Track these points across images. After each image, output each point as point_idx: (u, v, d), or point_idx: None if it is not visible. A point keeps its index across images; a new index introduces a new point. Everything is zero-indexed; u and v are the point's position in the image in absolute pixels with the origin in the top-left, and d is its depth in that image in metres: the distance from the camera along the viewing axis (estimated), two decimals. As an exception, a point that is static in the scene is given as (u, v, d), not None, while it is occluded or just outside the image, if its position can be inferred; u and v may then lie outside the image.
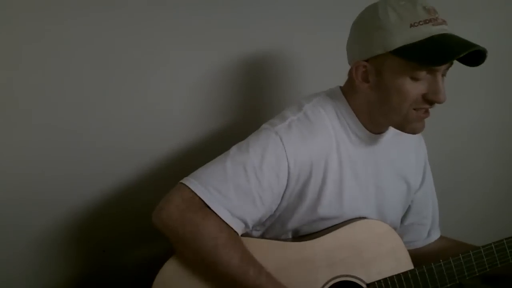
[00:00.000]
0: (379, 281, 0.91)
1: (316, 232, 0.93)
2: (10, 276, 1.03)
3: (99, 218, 1.09)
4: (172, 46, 1.08)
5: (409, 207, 1.07)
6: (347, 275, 0.90)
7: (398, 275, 0.91)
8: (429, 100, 0.84)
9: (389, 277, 0.91)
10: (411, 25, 0.80)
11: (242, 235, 0.87)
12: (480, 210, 1.09)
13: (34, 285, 1.06)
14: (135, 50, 1.04)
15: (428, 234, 1.09)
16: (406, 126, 0.87)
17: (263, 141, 0.85)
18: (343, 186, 0.91)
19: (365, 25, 0.85)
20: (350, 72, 0.92)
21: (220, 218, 0.81)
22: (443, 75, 0.85)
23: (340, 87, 0.95)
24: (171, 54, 1.08)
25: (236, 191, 0.82)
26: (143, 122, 1.08)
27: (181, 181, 0.83)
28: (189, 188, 0.81)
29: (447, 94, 0.79)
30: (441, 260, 0.92)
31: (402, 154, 1.00)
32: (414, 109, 0.85)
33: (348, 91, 0.92)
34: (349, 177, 0.91)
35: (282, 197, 0.88)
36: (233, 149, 0.86)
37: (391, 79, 0.83)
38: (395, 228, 1.01)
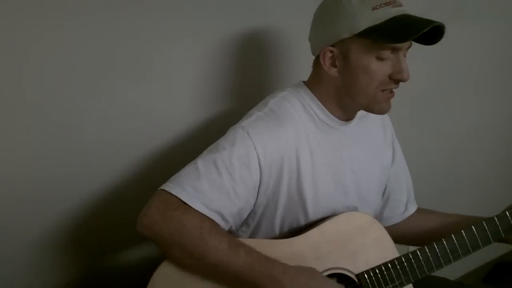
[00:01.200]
0: (367, 271, 0.93)
1: (301, 228, 0.96)
2: (10, 276, 1.03)
3: (99, 218, 1.09)
4: (170, 45, 1.08)
5: (385, 185, 1.10)
6: (335, 267, 0.92)
7: (385, 264, 0.93)
8: (395, 79, 0.89)
9: (377, 266, 0.93)
10: (373, 8, 0.85)
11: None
12: (480, 210, 1.11)
13: (34, 285, 1.07)
14: (134, 49, 1.04)
15: (405, 208, 1.12)
16: (375, 106, 0.92)
17: (231, 138, 0.89)
18: (316, 175, 0.93)
19: (329, 12, 0.90)
20: (315, 63, 0.96)
21: (199, 212, 0.83)
22: (404, 55, 0.90)
23: (303, 81, 0.99)
24: (169, 53, 1.08)
25: (210, 186, 0.84)
26: (143, 122, 1.09)
27: (159, 188, 0.86)
28: (165, 191, 0.84)
29: (448, 94, 0.82)
30: (425, 246, 0.94)
31: (370, 135, 1.04)
32: (381, 91, 0.89)
33: (312, 82, 0.96)
34: (321, 165, 0.94)
35: (259, 191, 0.90)
36: (204, 151, 0.90)
37: (358, 60, 0.88)
38: (377, 210, 1.05)
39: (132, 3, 1.02)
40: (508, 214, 0.96)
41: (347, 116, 0.97)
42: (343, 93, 0.92)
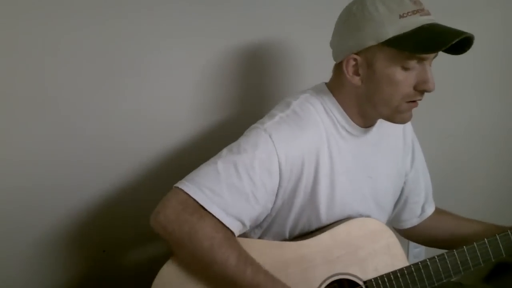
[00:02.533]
0: (375, 278, 0.92)
1: (312, 232, 0.94)
2: (10, 276, 1.03)
3: (99, 219, 1.09)
4: (171, 45, 1.08)
5: (402, 188, 1.09)
6: (344, 273, 0.91)
7: (394, 272, 0.92)
8: (420, 90, 0.86)
9: (385, 274, 0.92)
10: (400, 16, 0.82)
11: (239, 236, 0.87)
12: (480, 210, 1.10)
13: (34, 285, 1.07)
14: (136, 51, 1.04)
15: (422, 209, 1.11)
16: (396, 117, 0.89)
17: (253, 140, 0.87)
18: (335, 181, 0.92)
19: (354, 19, 0.86)
20: (337, 68, 0.94)
21: (216, 218, 0.82)
22: (429, 64, 0.87)
23: (325, 83, 0.96)
24: (169, 54, 1.08)
25: (230, 190, 0.83)
26: (142, 122, 1.08)
27: (175, 185, 0.84)
28: (183, 191, 0.82)
29: (448, 94, 0.80)
30: (436, 257, 0.93)
31: (390, 142, 1.02)
32: (406, 102, 0.87)
33: (334, 87, 0.94)
34: (339, 171, 0.92)
35: (277, 195, 0.89)
36: (224, 151, 0.88)
37: (383, 70, 0.85)
38: (390, 214, 1.05)
39: (135, 7, 1.02)
40: None
41: (367, 123, 0.96)
42: (365, 102, 0.90)
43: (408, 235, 1.15)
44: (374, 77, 0.86)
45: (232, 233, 0.84)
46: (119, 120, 1.06)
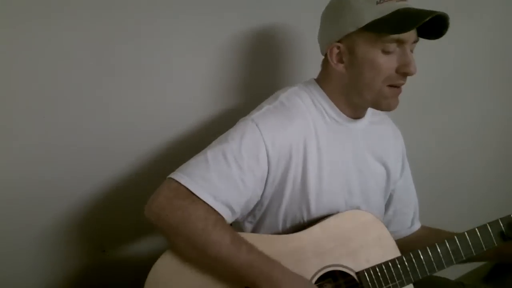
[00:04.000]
0: (367, 269, 0.92)
1: (304, 225, 0.95)
2: (10, 276, 1.04)
3: (99, 218, 1.10)
4: (171, 43, 1.08)
5: (391, 196, 1.10)
6: (336, 265, 0.92)
7: (386, 263, 0.93)
8: (402, 72, 0.89)
9: (377, 264, 0.93)
10: (377, 3, 0.87)
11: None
12: (480, 210, 1.10)
13: (34, 285, 1.07)
14: (137, 48, 1.05)
15: (412, 223, 1.13)
16: (382, 102, 0.92)
17: (240, 129, 0.90)
18: (323, 170, 0.93)
19: (334, 10, 0.92)
20: (324, 61, 0.97)
21: (206, 204, 0.84)
22: (411, 50, 0.90)
23: (314, 78, 1.00)
24: (169, 53, 1.08)
25: (219, 177, 0.85)
26: (142, 121, 1.09)
27: (168, 176, 0.87)
28: (174, 179, 0.85)
29: (448, 94, 0.81)
30: (427, 247, 0.94)
31: (381, 140, 1.04)
32: (388, 86, 0.89)
33: (321, 79, 0.97)
34: (328, 161, 0.94)
35: (266, 182, 0.91)
36: (213, 142, 0.91)
37: (364, 54, 0.88)
38: (380, 214, 1.05)
39: (135, 5, 1.02)
40: None
41: (356, 113, 0.98)
42: (351, 89, 0.93)
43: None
44: (356, 62, 0.90)
45: (222, 218, 0.86)
46: (118, 119, 1.07)
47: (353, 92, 0.93)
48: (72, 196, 1.07)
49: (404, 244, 1.07)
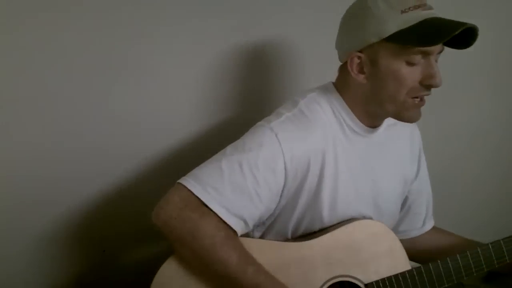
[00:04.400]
0: (377, 281, 0.91)
1: (314, 232, 0.94)
2: (10, 276, 1.03)
3: (99, 218, 1.09)
4: (171, 44, 1.08)
5: (406, 198, 1.08)
6: (344, 275, 0.90)
7: (396, 275, 0.91)
8: (426, 85, 0.85)
9: (387, 277, 0.91)
10: (402, 12, 0.82)
11: (241, 236, 0.87)
12: (481, 211, 1.10)
13: (34, 285, 1.07)
14: (136, 51, 1.04)
15: (423, 223, 1.10)
16: (404, 114, 0.88)
17: (258, 138, 0.86)
18: (338, 181, 0.91)
19: (356, 17, 0.87)
20: (342, 67, 0.93)
21: (218, 217, 0.81)
22: (436, 60, 0.87)
23: (333, 83, 0.96)
24: (169, 55, 1.08)
25: (233, 188, 0.82)
26: (142, 121, 1.08)
27: (178, 181, 0.84)
28: (186, 187, 0.82)
29: (448, 93, 0.80)
30: (438, 261, 0.92)
31: (397, 146, 1.01)
32: (411, 98, 0.86)
33: (341, 87, 0.94)
34: (344, 172, 0.92)
35: (281, 195, 0.88)
36: (229, 148, 0.87)
37: (387, 66, 0.84)
38: (393, 223, 1.03)
39: (136, 7, 1.02)
40: None
41: (374, 123, 0.95)
42: (371, 100, 0.90)
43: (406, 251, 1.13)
44: (379, 74, 0.86)
45: (234, 232, 0.84)
46: (119, 120, 1.06)
47: (374, 103, 0.90)
48: (72, 196, 1.06)
49: (417, 247, 1.08)
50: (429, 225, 1.11)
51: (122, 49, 1.03)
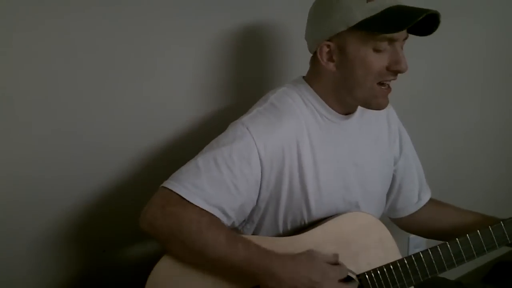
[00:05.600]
0: (368, 272, 0.92)
1: (304, 227, 0.95)
2: (9, 277, 1.04)
3: (98, 218, 1.10)
4: (170, 46, 1.08)
5: (394, 177, 1.09)
6: (337, 267, 0.92)
7: (387, 265, 0.92)
8: (393, 70, 0.88)
9: (378, 267, 0.92)
10: (368, 1, 0.85)
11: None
12: (480, 210, 1.11)
13: (34, 285, 1.07)
14: (132, 47, 1.04)
15: (419, 197, 1.11)
16: (372, 101, 0.91)
17: (231, 134, 0.89)
18: (319, 170, 0.93)
19: (323, 7, 0.90)
20: (312, 58, 0.96)
21: (198, 207, 0.83)
22: (401, 47, 0.89)
23: (303, 76, 0.99)
24: (169, 54, 1.08)
25: (210, 183, 0.84)
26: (140, 122, 1.09)
27: (160, 185, 0.86)
28: (166, 188, 0.84)
29: (447, 94, 0.80)
30: (428, 249, 0.93)
31: (374, 128, 1.03)
32: (379, 84, 0.89)
33: (311, 77, 0.96)
34: (322, 160, 0.93)
35: (261, 186, 0.90)
36: (205, 148, 0.90)
37: (355, 53, 0.87)
38: (382, 204, 1.05)
39: (133, 4, 1.02)
40: None
41: (347, 110, 0.97)
42: (341, 88, 0.92)
43: (406, 225, 1.15)
44: (347, 61, 0.88)
45: (216, 218, 0.86)
46: (117, 119, 1.06)
47: (343, 91, 0.92)
48: (72, 196, 1.06)
49: (415, 223, 1.11)
50: (425, 198, 1.12)
51: (120, 49, 1.03)
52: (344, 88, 0.91)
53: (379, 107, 0.92)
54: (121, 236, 1.15)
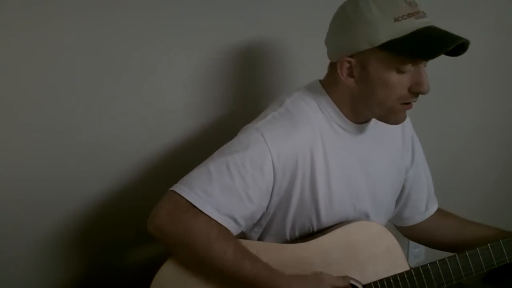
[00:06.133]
0: (375, 282, 0.91)
1: (312, 234, 0.94)
2: (10, 277, 1.04)
3: (99, 219, 1.09)
4: (171, 46, 1.08)
5: (403, 185, 1.08)
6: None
7: (394, 276, 0.91)
8: (414, 92, 0.85)
9: (385, 278, 0.91)
10: (395, 20, 0.80)
11: (238, 238, 0.87)
12: (480, 210, 1.09)
13: (34, 285, 1.07)
14: (131, 50, 1.04)
15: (426, 207, 1.10)
16: (390, 117, 0.89)
17: (245, 140, 0.87)
18: (331, 177, 0.92)
19: (348, 20, 0.85)
20: (331, 66, 0.93)
21: (208, 216, 0.82)
22: (425, 65, 0.87)
23: (320, 80, 0.96)
24: (169, 55, 1.08)
25: (222, 190, 0.83)
26: (141, 122, 1.09)
27: (170, 188, 0.85)
28: (176, 192, 0.83)
29: (447, 94, 0.79)
30: (437, 261, 0.92)
31: (388, 137, 1.01)
32: (400, 104, 0.86)
33: (328, 84, 0.93)
34: (335, 168, 0.92)
35: (272, 192, 0.88)
36: (216, 152, 0.88)
37: (377, 73, 0.84)
38: (390, 212, 1.05)
39: (133, 7, 1.02)
40: None
41: (362, 119, 0.95)
42: (360, 101, 0.90)
43: (410, 234, 1.14)
44: (369, 79, 0.85)
45: (227, 228, 0.84)
46: (118, 120, 1.06)
47: (361, 105, 0.90)
48: (72, 197, 1.06)
49: (421, 232, 1.09)
50: (433, 208, 1.11)
51: (120, 51, 1.03)
52: (362, 103, 0.89)
53: (397, 122, 0.90)
54: (121, 237, 1.15)
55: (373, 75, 0.84)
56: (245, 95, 1.19)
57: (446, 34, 0.81)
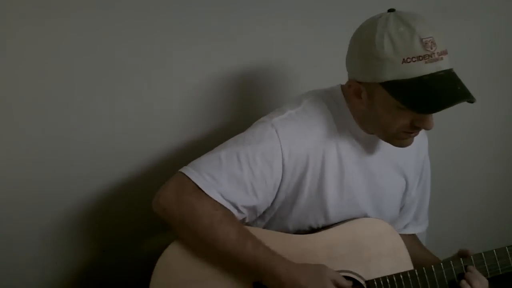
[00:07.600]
0: (377, 279, 0.91)
1: (317, 228, 0.94)
2: (10, 277, 1.04)
3: (98, 218, 1.09)
4: (171, 47, 1.08)
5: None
6: (346, 271, 0.91)
7: (397, 275, 0.91)
8: (417, 126, 0.85)
9: (388, 275, 0.91)
10: (404, 61, 0.79)
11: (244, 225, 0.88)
12: (480, 211, 1.07)
13: (34, 285, 1.07)
14: (133, 51, 1.04)
15: (405, 226, 1.10)
16: (394, 142, 0.89)
17: (259, 133, 0.88)
18: (343, 183, 0.92)
19: (360, 48, 0.85)
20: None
21: (213, 199, 0.83)
22: None
23: (342, 85, 0.95)
24: (169, 55, 1.08)
25: (229, 178, 0.84)
26: (140, 122, 1.08)
27: (179, 170, 0.86)
28: (184, 174, 0.84)
29: None
30: (441, 263, 0.92)
31: (401, 154, 0.99)
32: (403, 132, 0.86)
33: (346, 93, 0.93)
34: (349, 174, 0.93)
35: (279, 189, 0.89)
36: (230, 141, 0.89)
37: (381, 103, 0.84)
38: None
39: (136, 8, 1.02)
40: None
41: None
42: (367, 119, 0.91)
43: None
44: (374, 106, 0.86)
45: (229, 212, 0.85)
46: (118, 120, 1.06)
47: (369, 123, 0.91)
48: (72, 196, 1.07)
49: None
50: (411, 230, 1.10)
51: (122, 52, 1.03)
52: (369, 122, 0.90)
53: (401, 146, 0.90)
54: (121, 236, 1.15)
55: (377, 104, 0.85)
56: (245, 95, 1.19)
57: (448, 91, 0.79)
